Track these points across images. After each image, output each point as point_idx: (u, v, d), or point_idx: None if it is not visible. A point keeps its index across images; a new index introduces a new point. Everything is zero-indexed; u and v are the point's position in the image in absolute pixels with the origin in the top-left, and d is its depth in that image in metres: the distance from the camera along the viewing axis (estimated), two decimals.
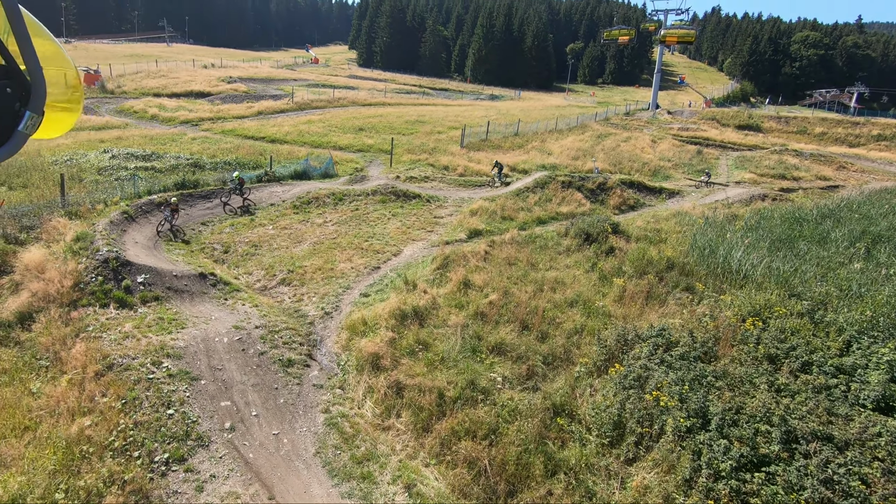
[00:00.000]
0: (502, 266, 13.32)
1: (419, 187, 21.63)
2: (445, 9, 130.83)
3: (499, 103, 63.39)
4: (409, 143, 29.66)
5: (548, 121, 43.62)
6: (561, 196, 21.14)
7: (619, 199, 22.29)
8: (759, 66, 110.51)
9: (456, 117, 41.51)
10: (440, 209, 19.06)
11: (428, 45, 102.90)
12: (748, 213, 21.88)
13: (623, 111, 60.25)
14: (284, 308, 10.97)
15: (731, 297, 11.25)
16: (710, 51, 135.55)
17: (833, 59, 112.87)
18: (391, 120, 36.72)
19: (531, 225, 18.35)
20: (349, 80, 66.89)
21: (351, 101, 43.90)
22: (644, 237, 16.80)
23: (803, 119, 56.26)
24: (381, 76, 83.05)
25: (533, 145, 33.64)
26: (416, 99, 54.70)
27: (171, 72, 48.68)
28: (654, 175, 31.14)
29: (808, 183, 32.60)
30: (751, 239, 14.40)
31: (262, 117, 35.02)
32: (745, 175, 32.84)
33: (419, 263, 13.71)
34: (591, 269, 13.63)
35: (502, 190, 21.94)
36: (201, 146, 25.19)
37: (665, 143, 40.65)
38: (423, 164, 25.58)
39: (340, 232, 15.54)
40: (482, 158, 27.74)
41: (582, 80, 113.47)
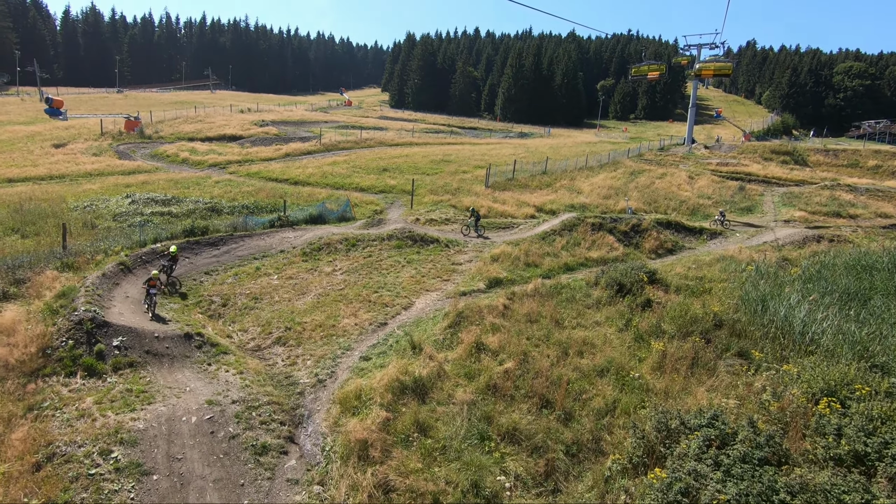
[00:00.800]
0: (522, 324, 11.85)
1: (439, 230, 20.56)
2: (476, 51, 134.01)
3: (528, 141, 62.82)
4: (433, 183, 28.92)
5: (578, 158, 42.39)
6: (591, 239, 19.60)
7: (656, 242, 20.53)
8: (799, 99, 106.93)
9: (482, 156, 40.85)
10: (459, 254, 17.84)
11: (458, 85, 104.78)
12: (803, 259, 19.73)
13: (657, 146, 58.47)
14: (274, 374, 9.81)
15: (796, 367, 9.38)
16: (747, 84, 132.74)
17: (881, 89, 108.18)
18: (416, 160, 36.33)
19: (558, 272, 16.84)
20: (379, 122, 68.05)
21: (378, 141, 44.07)
22: (685, 287, 15.02)
23: (854, 151, 53.00)
24: (412, 116, 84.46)
25: (562, 184, 32.35)
26: (443, 138, 54.73)
27: (208, 117, 50.50)
28: (693, 214, 29.15)
29: (866, 221, 29.82)
30: (813, 292, 12.47)
31: (289, 159, 35.26)
32: (795, 213, 30.37)
33: (430, 319, 12.41)
34: (624, 328, 11.98)
35: (527, 233, 20.60)
36: (223, 189, 25.11)
37: (703, 179, 38.58)
38: (445, 206, 24.62)
39: (349, 282, 14.48)
40: (508, 199, 26.60)
41: (613, 116, 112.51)
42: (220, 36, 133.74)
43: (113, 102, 67.08)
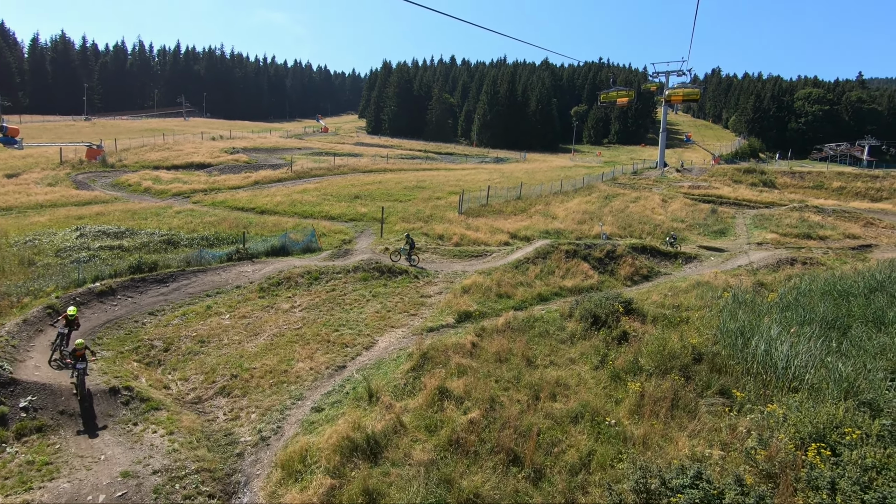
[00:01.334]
0: (491, 364, 11.02)
1: (408, 260, 19.74)
2: (452, 78, 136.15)
3: (503, 166, 63.07)
4: (405, 210, 28.24)
5: (552, 183, 42.41)
6: (565, 267, 19.03)
7: (631, 269, 20.08)
8: (764, 123, 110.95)
9: (457, 182, 40.51)
10: (429, 286, 17.02)
11: (434, 111, 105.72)
12: (779, 283, 19.49)
13: (630, 170, 59.26)
14: (212, 431, 8.72)
15: (781, 408, 8.73)
16: (714, 109, 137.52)
17: (839, 114, 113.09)
18: (389, 186, 35.72)
19: (531, 303, 16.14)
20: (354, 148, 67.69)
21: (351, 168, 43.44)
22: (662, 317, 14.45)
23: (818, 174, 54.55)
24: (388, 142, 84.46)
25: (536, 209, 32.04)
26: (418, 164, 54.48)
27: (176, 144, 49.30)
28: None
29: (836, 242, 30.15)
30: (792, 322, 11.99)
31: (258, 187, 34.27)
32: (767, 235, 30.56)
33: (392, 360, 11.48)
34: (600, 365, 11.25)
35: (500, 261, 19.95)
36: (183, 220, 23.95)
37: (676, 202, 38.86)
38: (417, 234, 23.88)
39: (308, 320, 13.49)
40: (481, 225, 26.04)
41: (587, 141, 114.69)
42: (195, 64, 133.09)
43: (79, 130, 65.24)
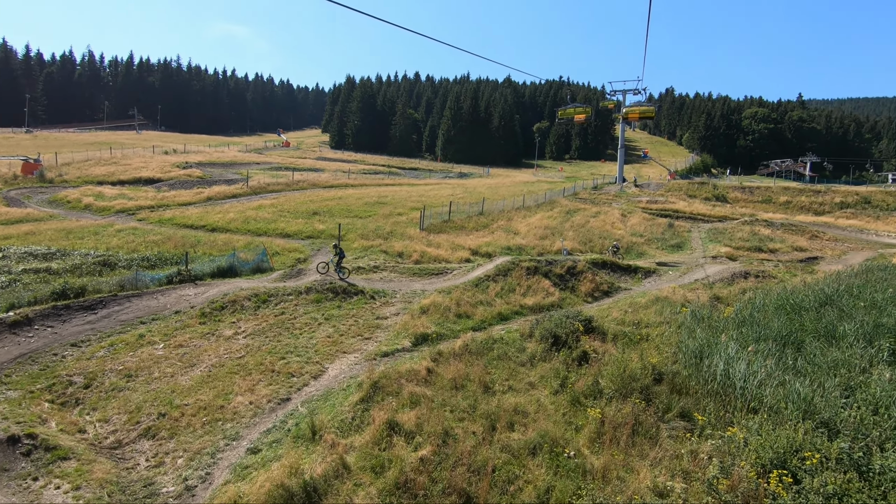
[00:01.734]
0: (447, 391, 10.41)
1: (366, 280, 19.00)
2: (416, 93, 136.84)
3: (467, 181, 63.20)
4: (364, 227, 27.48)
5: (515, 198, 42.58)
6: (526, 285, 18.72)
7: (592, 285, 19.98)
8: (715, 140, 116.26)
9: (420, 197, 40.08)
10: (386, 307, 16.31)
11: (398, 126, 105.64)
12: (734, 297, 19.79)
13: (591, 185, 60.48)
14: (129, 482, 7.71)
15: (741, 432, 8.49)
16: (669, 127, 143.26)
17: (783, 132, 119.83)
18: (350, 202, 34.89)
19: (491, 323, 15.68)
20: (316, 163, 66.46)
21: (311, 183, 42.36)
22: (622, 335, 14.23)
23: (766, 189, 57.09)
24: (352, 157, 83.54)
25: (498, 224, 31.89)
26: (381, 179, 53.83)
27: (124, 158, 46.96)
28: (627, 253, 29.37)
29: (785, 255, 31.28)
30: (749, 338, 11.96)
31: (211, 203, 32.78)
32: (721, 249, 31.39)
33: (341, 390, 10.71)
34: (560, 389, 10.82)
35: (461, 279, 19.46)
36: (124, 239, 22.43)
37: (635, 216, 39.62)
38: (376, 252, 23.17)
39: (252, 347, 12.54)
40: (442, 242, 25.57)
41: (549, 157, 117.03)
42: (149, 75, 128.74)
43: (18, 143, 61.38)
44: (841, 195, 52.17)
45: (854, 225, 41.28)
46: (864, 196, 51.47)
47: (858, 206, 49.77)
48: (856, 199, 51.00)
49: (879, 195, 51.53)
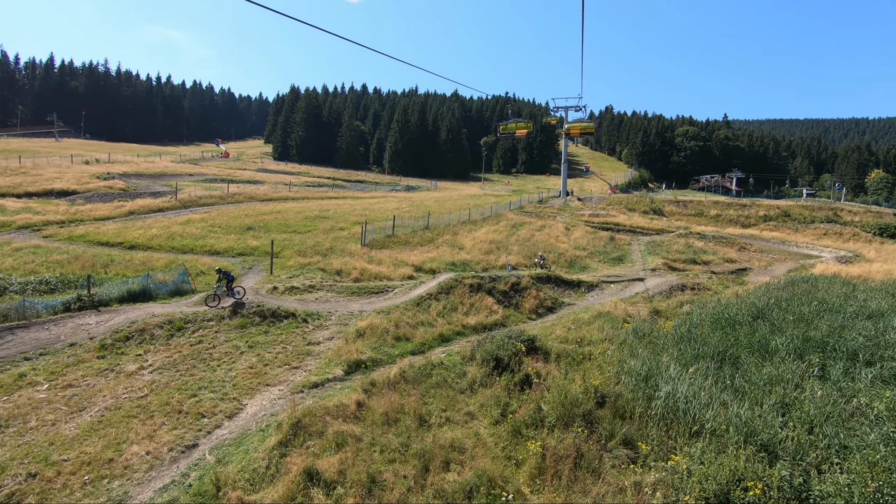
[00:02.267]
0: (378, 428, 9.48)
1: (299, 301, 17.72)
2: (363, 105, 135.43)
3: (414, 194, 62.56)
4: (302, 243, 26.06)
5: (461, 211, 42.29)
6: (469, 303, 18.11)
7: (535, 301, 19.67)
8: (651, 156, 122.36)
9: (364, 211, 38.93)
10: (319, 331, 15.15)
11: (345, 138, 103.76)
12: (672, 310, 20.10)
13: (536, 199, 61.44)
14: None
15: (685, 460, 8.14)
16: (609, 142, 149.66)
17: (711, 150, 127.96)
18: (289, 217, 33.23)
19: (432, 345, 14.88)
20: (256, 174, 63.67)
21: (248, 196, 40.19)
22: (565, 354, 13.84)
23: (698, 203, 60.18)
24: (295, 169, 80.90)
25: (444, 239, 31.31)
26: (324, 192, 52.09)
27: (36, 168, 42.74)
28: (571, 266, 29.58)
29: (717, 266, 32.62)
30: (688, 357, 11.86)
31: (132, 218, 30.16)
32: (659, 261, 32.31)
33: (259, 432, 9.52)
34: (500, 419, 10.16)
35: (402, 298, 18.57)
36: (22, 259, 19.91)
37: (578, 230, 40.31)
38: (313, 269, 21.88)
39: (159, 384, 11.06)
40: (385, 258, 24.60)
41: (497, 170, 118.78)
42: (72, 79, 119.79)
43: None
44: (764, 209, 55.77)
45: (777, 237, 44.03)
46: (784, 210, 55.28)
47: (780, 218, 53.32)
48: (777, 213, 54.65)
49: (797, 209, 55.51)
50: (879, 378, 10.45)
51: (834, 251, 38.38)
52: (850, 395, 9.96)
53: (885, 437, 8.11)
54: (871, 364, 11.10)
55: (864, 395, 9.79)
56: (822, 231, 47.06)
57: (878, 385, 10.17)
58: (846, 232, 46.26)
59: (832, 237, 45.04)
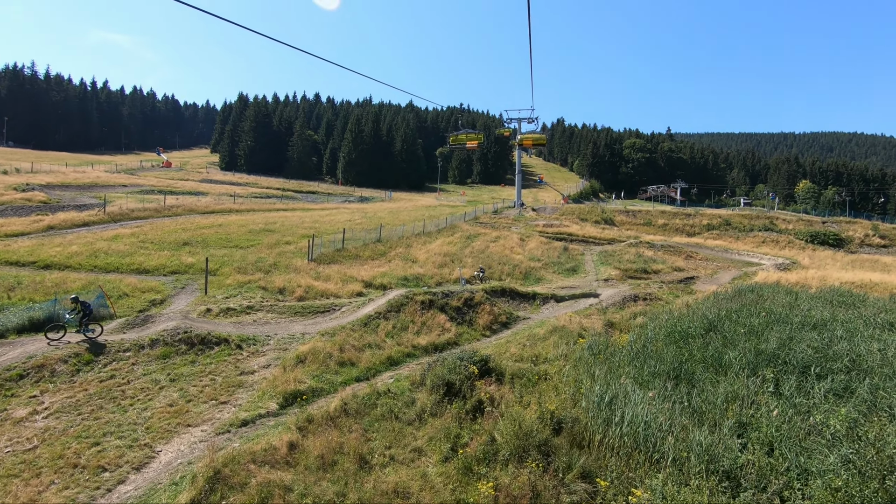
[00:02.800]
0: (313, 474, 8.38)
1: (235, 324, 16.25)
2: (316, 115, 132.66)
3: (368, 205, 61.20)
4: (244, 259, 24.37)
5: (416, 223, 41.47)
6: (420, 321, 17.21)
7: (490, 317, 19.01)
8: (601, 167, 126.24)
9: (313, 223, 37.35)
10: (254, 358, 13.81)
11: (296, 148, 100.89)
12: (626, 321, 19.97)
13: (491, 210, 61.52)
14: None
15: (646, 494, 7.56)
16: (561, 154, 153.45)
17: (657, 161, 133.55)
18: (231, 230, 31.27)
19: (379, 369, 13.86)
20: (199, 185, 60.46)
21: (188, 208, 37.71)
22: (520, 375, 13.16)
23: (647, 212, 62.06)
24: (244, 180, 77.65)
25: (396, 252, 30.32)
26: (272, 204, 49.89)
27: None
28: (526, 278, 29.28)
29: (667, 275, 33.27)
30: (646, 376, 11.46)
31: (51, 234, 27.40)
32: (612, 271, 32.60)
33: (169, 486, 8.20)
34: (450, 454, 9.26)
35: (349, 317, 17.43)
36: None
37: (533, 241, 40.32)
38: (253, 288, 20.34)
39: (54, 432, 9.49)
40: (333, 274, 23.34)
41: (452, 181, 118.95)
42: None
43: None
44: (707, 218, 58.12)
45: (720, 245, 45.77)
46: (726, 219, 57.81)
47: (722, 227, 55.67)
48: (719, 222, 57.06)
49: (737, 218, 58.20)
50: (832, 392, 10.36)
51: (772, 258, 40.19)
52: (805, 412, 9.76)
53: (844, 460, 7.81)
54: (822, 377, 11.02)
55: (819, 411, 9.59)
56: (760, 239, 49.39)
57: (832, 400, 10.05)
58: (782, 240, 48.74)
59: (770, 245, 47.31)
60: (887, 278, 30.44)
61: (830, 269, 35.57)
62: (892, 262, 40.42)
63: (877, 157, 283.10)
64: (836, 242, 50.88)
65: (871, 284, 28.90)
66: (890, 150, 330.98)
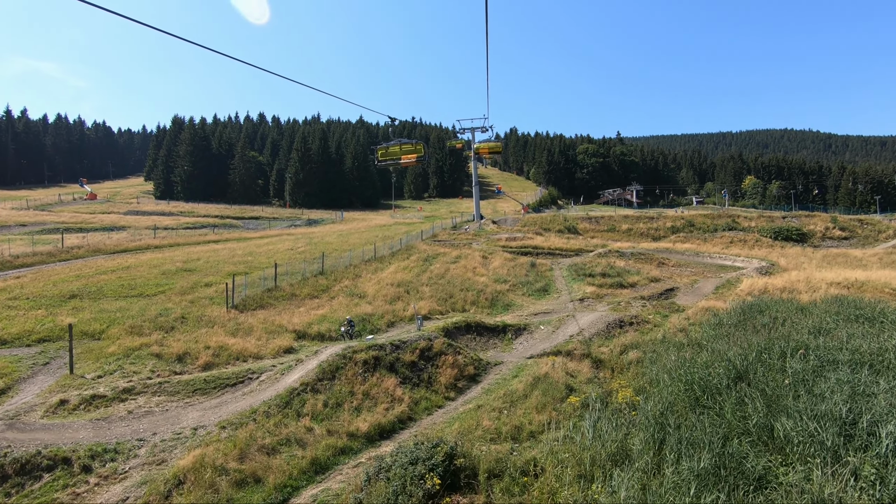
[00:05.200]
0: None
1: (96, 423, 11.54)
2: (260, 135, 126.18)
3: (316, 229, 56.30)
4: (142, 313, 19.43)
5: (367, 246, 37.20)
6: (362, 391, 13.02)
7: (454, 371, 15.01)
8: (557, 174, 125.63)
9: (246, 256, 32.44)
10: (107, 486, 9.24)
11: (238, 171, 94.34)
12: (616, 359, 16.49)
13: (450, 225, 57.95)
14: None
15: None
16: (517, 163, 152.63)
17: (610, 165, 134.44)
18: (139, 273, 26.05)
19: (298, 484, 9.57)
20: (123, 218, 53.90)
21: (94, 248, 31.96)
22: (500, 472, 9.25)
23: (609, 218, 60.09)
24: (178, 208, 70.92)
25: (342, 286, 25.98)
26: (202, 235, 44.25)
27: None
28: (493, 305, 25.55)
29: (644, 288, 30.36)
30: (684, 481, 7.75)
31: None
32: (586, 288, 29.37)
33: None
34: None
35: (266, 392, 13.02)
36: None
37: (497, 258, 36.80)
38: (144, 356, 15.55)
39: None
40: (257, 324, 18.80)
41: (409, 196, 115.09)
42: None
43: None
44: (671, 220, 56.59)
45: (690, 248, 43.72)
46: (689, 220, 56.47)
47: (686, 229, 54.15)
48: (682, 223, 55.61)
49: (700, 218, 56.99)
50: None
51: (746, 259, 38.28)
52: None
53: None
54: None
55: None
56: (727, 239, 47.88)
57: None
58: (749, 238, 47.38)
59: (738, 245, 45.77)
60: (871, 276, 28.59)
61: (808, 268, 33.78)
62: (862, 256, 39.38)
63: (807, 151, 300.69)
64: (799, 237, 50.12)
65: (859, 284, 26.90)
66: (818, 143, 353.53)
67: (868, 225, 52.87)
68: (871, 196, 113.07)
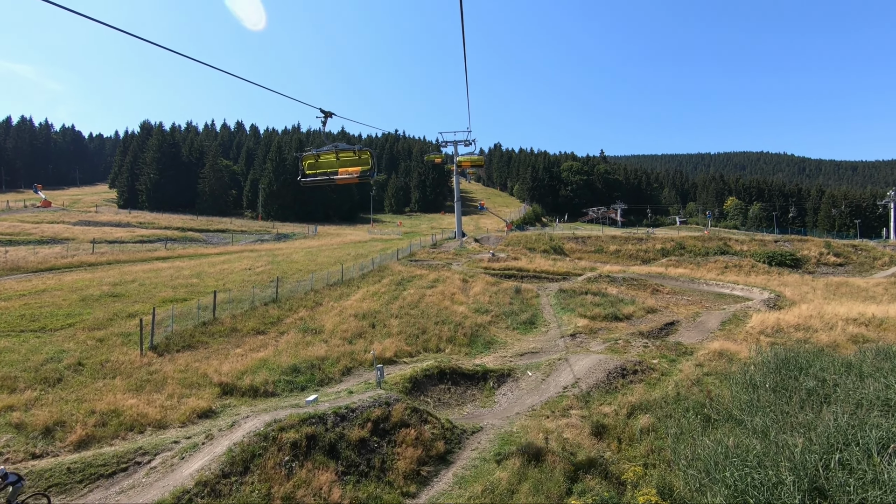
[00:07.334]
0: None
1: None
2: (236, 143, 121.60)
3: (284, 244, 52.23)
4: (29, 357, 15.34)
5: (336, 266, 33.44)
6: (283, 494, 9.26)
7: (417, 452, 11.34)
8: (541, 191, 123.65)
9: (193, 277, 28.37)
10: None
11: (208, 180, 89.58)
12: (623, 425, 13.09)
13: (430, 243, 54.52)
14: None
15: None
16: (500, 178, 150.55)
17: (594, 183, 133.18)
18: (53, 299, 21.86)
19: None
20: (70, 229, 49.06)
21: (11, 266, 27.54)
22: None
23: (597, 238, 57.41)
24: (139, 219, 65.99)
25: (297, 317, 22.19)
26: (153, 251, 39.79)
27: None
28: (473, 342, 22.01)
29: (641, 321, 27.21)
30: None
31: None
32: (577, 321, 26.07)
33: None
34: None
35: (153, 489, 9.20)
36: None
37: (478, 282, 33.39)
38: (4, 429, 11.54)
39: None
40: (174, 374, 14.90)
41: (389, 210, 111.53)
42: None
43: None
44: (660, 242, 54.10)
45: (684, 274, 40.98)
46: (679, 242, 54.05)
47: (676, 252, 51.65)
48: (673, 245, 53.14)
49: (690, 241, 54.63)
50: None
51: (746, 288, 35.59)
52: None
53: None
54: None
55: None
56: (722, 264, 45.38)
57: None
58: (744, 264, 44.96)
59: (734, 271, 43.25)
60: (889, 311, 25.89)
61: (815, 299, 31.16)
62: (866, 286, 37.09)
63: (783, 174, 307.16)
64: (793, 263, 47.95)
65: (877, 321, 24.20)
66: (793, 166, 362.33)
67: (862, 251, 51.12)
68: (850, 220, 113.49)
